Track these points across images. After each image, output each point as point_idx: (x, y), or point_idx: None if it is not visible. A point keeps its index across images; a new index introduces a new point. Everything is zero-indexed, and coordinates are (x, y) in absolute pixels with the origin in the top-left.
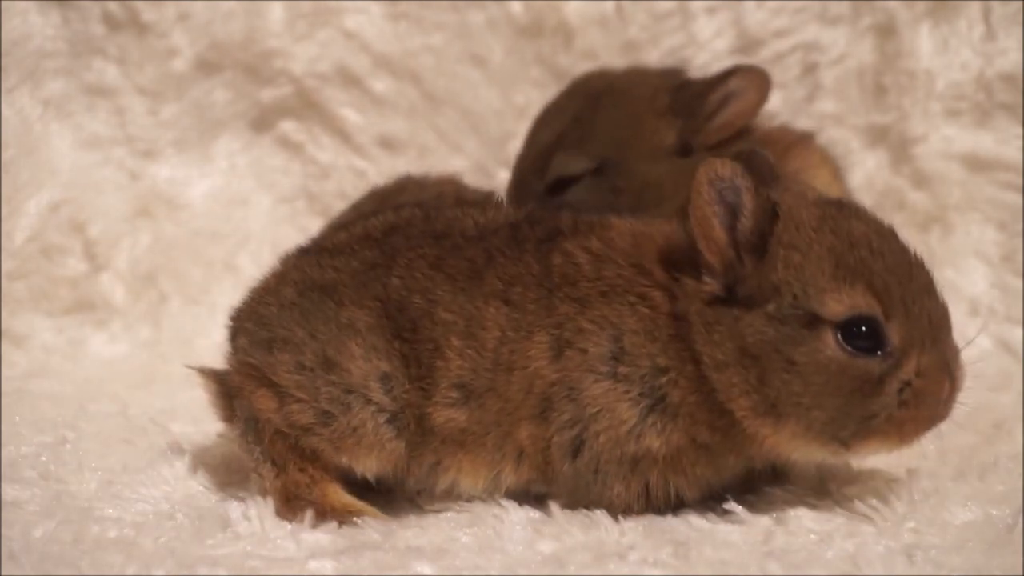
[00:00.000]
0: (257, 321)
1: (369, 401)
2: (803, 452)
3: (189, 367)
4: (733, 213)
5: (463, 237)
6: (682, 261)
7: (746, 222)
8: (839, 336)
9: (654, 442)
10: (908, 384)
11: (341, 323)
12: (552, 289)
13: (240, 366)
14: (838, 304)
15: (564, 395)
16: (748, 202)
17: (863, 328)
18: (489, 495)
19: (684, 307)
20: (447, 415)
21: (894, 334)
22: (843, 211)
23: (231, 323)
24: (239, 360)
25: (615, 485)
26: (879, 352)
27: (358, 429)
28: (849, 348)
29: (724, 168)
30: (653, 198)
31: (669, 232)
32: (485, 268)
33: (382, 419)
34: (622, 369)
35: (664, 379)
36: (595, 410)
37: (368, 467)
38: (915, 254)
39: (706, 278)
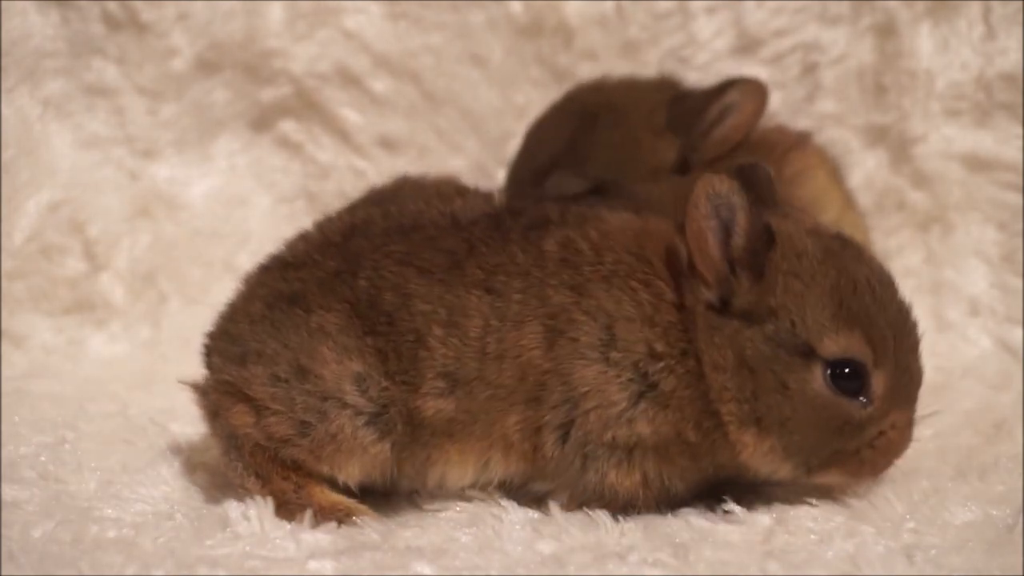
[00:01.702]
0: (229, 339)
1: (345, 405)
2: (770, 468)
3: (183, 382)
4: (727, 229)
5: (436, 228)
6: (682, 266)
7: (739, 240)
8: (827, 373)
9: (644, 428)
10: (883, 433)
11: (311, 329)
12: (543, 278)
13: (216, 384)
14: (834, 345)
15: (557, 381)
16: (742, 220)
17: (850, 371)
18: (480, 488)
19: (691, 302)
20: (436, 406)
21: (878, 384)
22: (847, 250)
23: (204, 346)
24: (215, 379)
25: (609, 472)
26: (860, 397)
27: (337, 435)
28: (833, 386)
29: (721, 184)
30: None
31: (669, 233)
32: (466, 258)
33: (360, 422)
34: (614, 355)
35: (660, 365)
36: (585, 390)
37: (350, 474)
38: (910, 309)
39: (702, 288)
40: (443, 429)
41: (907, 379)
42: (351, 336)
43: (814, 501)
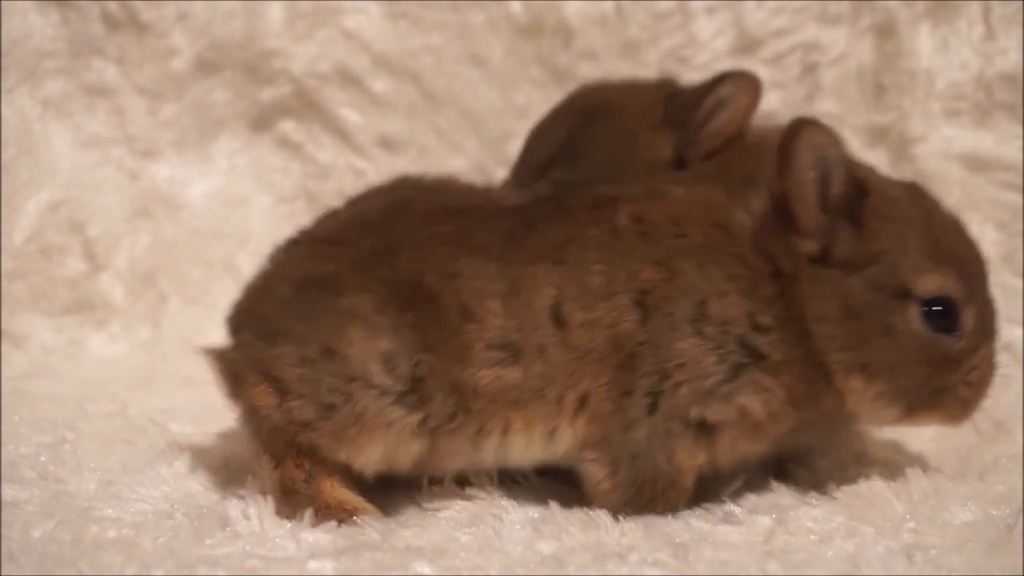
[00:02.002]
0: (259, 316)
1: (371, 385)
2: (875, 413)
3: (206, 349)
4: (824, 180)
5: (484, 211)
6: (765, 228)
7: (836, 189)
8: (923, 311)
9: (749, 401)
10: (975, 368)
11: (340, 310)
12: (625, 250)
13: (243, 358)
14: (931, 283)
15: (651, 351)
16: (840, 170)
17: (943, 309)
18: (537, 461)
19: (787, 265)
20: (495, 374)
21: (968, 319)
22: (924, 193)
23: (232, 317)
24: (243, 353)
25: (677, 450)
26: (954, 333)
27: (361, 416)
28: (930, 324)
29: (821, 135)
30: None
31: (726, 202)
32: (527, 234)
33: (387, 401)
34: (709, 329)
35: (768, 337)
36: (679, 362)
37: (370, 457)
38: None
39: (802, 239)
40: (505, 397)
41: (989, 312)
42: (384, 315)
43: (814, 501)
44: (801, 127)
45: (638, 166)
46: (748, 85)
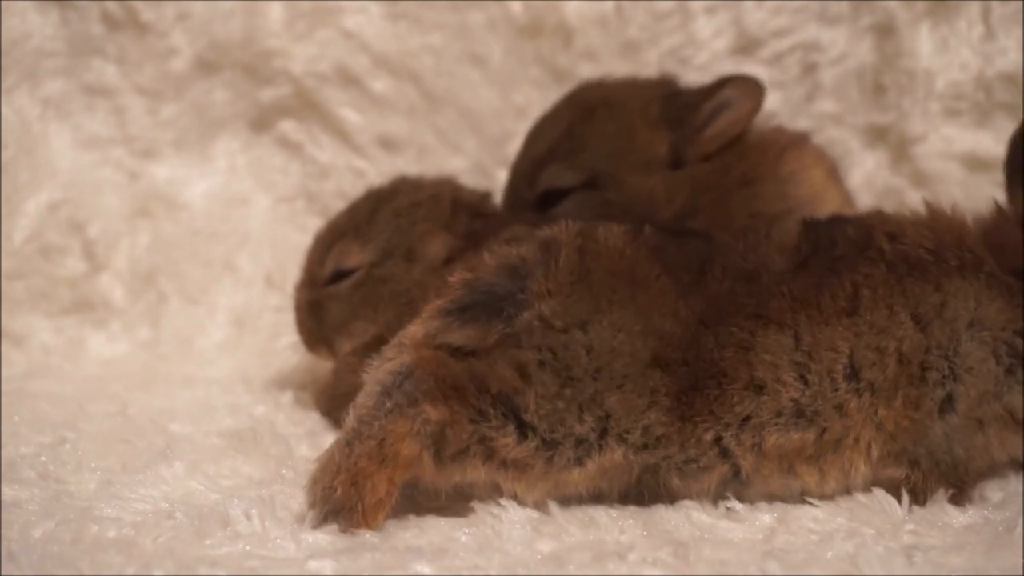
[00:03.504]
0: (583, 321)
1: (623, 440)
2: None
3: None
4: None
5: (769, 275)
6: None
7: None
8: None
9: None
10: None
11: (644, 382)
12: (902, 277)
13: (511, 340)
14: None
15: (939, 359)
16: None
17: None
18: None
19: None
20: (782, 437)
21: None
22: None
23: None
24: (518, 332)
25: (975, 445)
26: None
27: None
28: None
29: None
30: (645, 210)
31: (976, 220)
32: (816, 295)
33: (620, 452)
34: (984, 335)
35: None
36: (966, 367)
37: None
38: None
39: None
40: (793, 455)
41: None
42: (657, 380)
43: (815, 501)
44: None
45: (635, 162)
46: (750, 90)
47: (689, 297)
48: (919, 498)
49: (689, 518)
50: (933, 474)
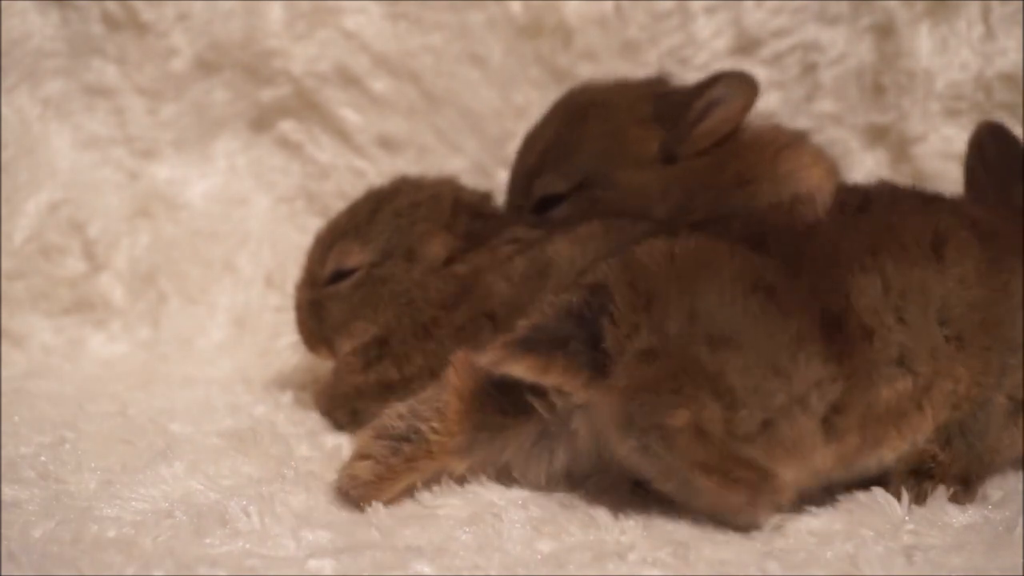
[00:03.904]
0: (691, 312)
1: (807, 409)
2: None
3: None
4: None
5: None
6: None
7: None
8: None
9: None
10: None
11: (789, 331)
12: (980, 237)
13: (675, 358)
14: None
15: (1009, 326)
16: None
17: None
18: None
19: None
20: (893, 390)
21: None
22: None
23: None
24: (673, 346)
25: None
26: None
27: (797, 440)
28: None
29: None
30: (637, 207)
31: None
32: (898, 237)
33: (815, 426)
34: None
35: None
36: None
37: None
38: None
39: None
40: (895, 412)
41: None
42: (817, 342)
43: (815, 501)
44: None
45: (626, 160)
46: (743, 86)
47: (765, 260)
48: (932, 484)
49: (689, 522)
50: (958, 461)
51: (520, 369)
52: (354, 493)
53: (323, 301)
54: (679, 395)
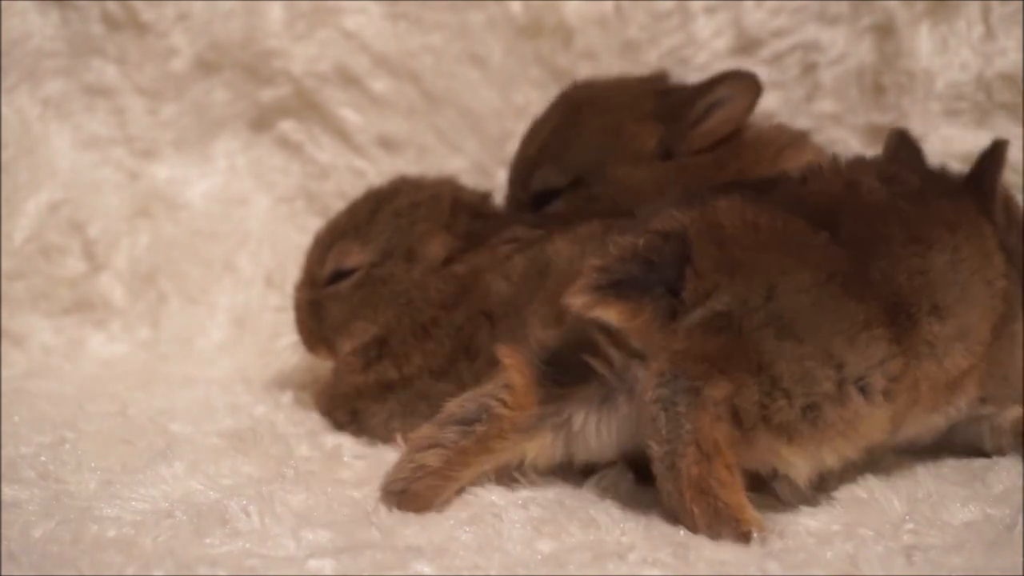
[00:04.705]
0: (767, 295)
1: (864, 390)
2: None
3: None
4: None
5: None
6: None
7: None
8: None
9: None
10: None
11: (856, 317)
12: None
13: (744, 332)
14: None
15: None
16: None
17: None
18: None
19: None
20: (956, 361)
21: None
22: None
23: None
24: (746, 323)
25: None
26: None
27: (850, 419)
28: None
29: None
30: (633, 202)
31: None
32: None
33: (873, 401)
34: None
35: None
36: None
37: (841, 455)
38: None
39: None
40: (947, 383)
41: None
42: (880, 326)
43: (814, 501)
44: None
45: (623, 155)
46: (746, 86)
47: (839, 249)
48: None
49: None
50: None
51: (611, 313)
52: (416, 487)
53: (323, 301)
54: (727, 373)
